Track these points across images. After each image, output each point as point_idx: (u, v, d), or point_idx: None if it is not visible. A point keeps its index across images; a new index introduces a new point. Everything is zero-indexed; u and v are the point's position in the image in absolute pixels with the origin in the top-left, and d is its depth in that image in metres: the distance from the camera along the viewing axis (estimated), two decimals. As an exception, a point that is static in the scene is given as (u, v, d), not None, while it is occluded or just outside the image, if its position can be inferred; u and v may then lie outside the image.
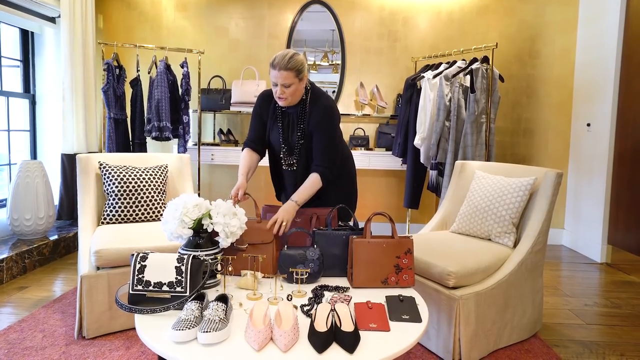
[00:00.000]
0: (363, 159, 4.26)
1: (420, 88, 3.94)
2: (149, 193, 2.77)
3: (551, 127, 4.47)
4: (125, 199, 2.69)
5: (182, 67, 4.05)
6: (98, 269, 2.30)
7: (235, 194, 2.10)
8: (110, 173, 2.71)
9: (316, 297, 1.71)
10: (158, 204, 2.80)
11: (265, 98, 2.31)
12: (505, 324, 2.26)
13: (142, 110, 4.02)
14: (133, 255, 1.66)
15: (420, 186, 4.11)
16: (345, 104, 4.60)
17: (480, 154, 3.61)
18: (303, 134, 2.22)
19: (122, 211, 2.69)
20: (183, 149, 4.09)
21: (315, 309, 1.54)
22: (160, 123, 3.86)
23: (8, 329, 2.38)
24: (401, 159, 4.21)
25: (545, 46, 4.40)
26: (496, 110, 3.70)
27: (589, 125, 4.14)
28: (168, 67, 3.95)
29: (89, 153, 4.12)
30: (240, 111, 4.31)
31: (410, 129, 4.00)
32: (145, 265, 1.63)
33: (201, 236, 1.82)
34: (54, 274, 3.29)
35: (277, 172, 2.41)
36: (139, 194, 2.73)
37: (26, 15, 3.86)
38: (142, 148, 4.05)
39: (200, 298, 1.58)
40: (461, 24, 4.46)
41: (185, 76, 4.03)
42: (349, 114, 4.46)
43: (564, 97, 4.43)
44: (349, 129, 4.50)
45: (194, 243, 1.80)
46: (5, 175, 3.99)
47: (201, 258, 1.68)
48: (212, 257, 1.78)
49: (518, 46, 4.42)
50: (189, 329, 1.37)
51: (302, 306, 1.63)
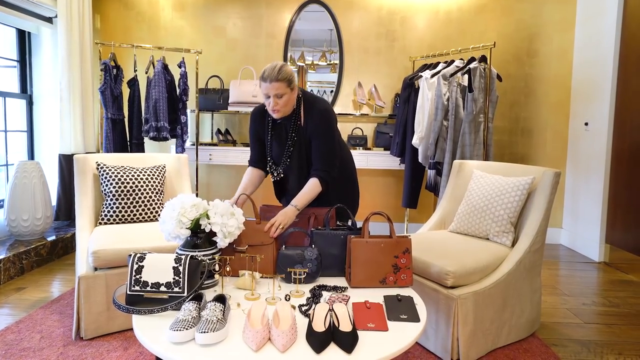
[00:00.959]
0: (361, 158, 4.26)
1: (418, 87, 3.94)
2: (147, 193, 2.76)
3: (549, 127, 4.48)
4: (123, 199, 2.68)
5: (180, 67, 4.03)
6: (96, 269, 2.29)
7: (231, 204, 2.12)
8: (107, 173, 2.70)
9: (314, 297, 1.71)
10: (156, 204, 2.79)
11: (258, 115, 2.33)
12: (503, 323, 2.27)
13: (140, 111, 4.01)
14: (130, 255, 1.65)
15: (418, 186, 4.11)
16: (343, 104, 4.60)
17: (478, 154, 3.61)
18: (293, 143, 2.23)
19: (120, 211, 2.68)
20: (181, 149, 4.08)
21: (314, 309, 1.53)
22: (158, 123, 3.85)
23: (5, 330, 2.37)
24: (399, 158, 4.21)
25: (543, 45, 4.41)
26: (494, 109, 3.70)
27: (586, 124, 4.15)
28: (165, 67, 3.94)
29: (86, 153, 4.12)
30: (238, 111, 4.30)
31: (409, 129, 4.00)
32: (142, 266, 1.62)
33: (199, 236, 1.81)
34: (51, 274, 3.28)
35: (279, 182, 2.44)
36: (136, 194, 2.72)
37: (23, 15, 3.85)
38: (140, 148, 4.04)
39: (198, 298, 1.58)
40: (459, 23, 4.46)
41: (183, 76, 4.02)
42: (347, 114, 4.45)
43: (561, 97, 4.44)
44: (347, 128, 4.50)
45: (191, 243, 1.80)
46: (3, 176, 3.97)
47: (199, 258, 1.68)
48: (210, 258, 1.78)
49: (516, 45, 4.42)
50: (187, 329, 1.36)
51: (300, 306, 1.63)
